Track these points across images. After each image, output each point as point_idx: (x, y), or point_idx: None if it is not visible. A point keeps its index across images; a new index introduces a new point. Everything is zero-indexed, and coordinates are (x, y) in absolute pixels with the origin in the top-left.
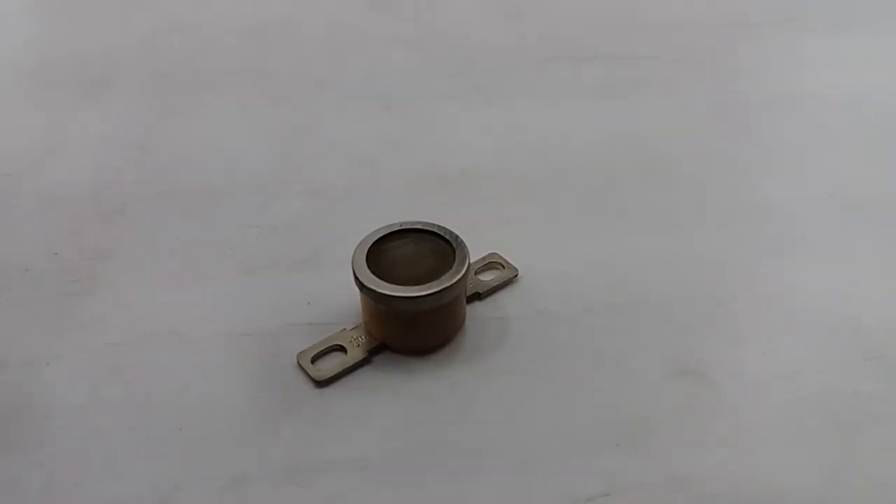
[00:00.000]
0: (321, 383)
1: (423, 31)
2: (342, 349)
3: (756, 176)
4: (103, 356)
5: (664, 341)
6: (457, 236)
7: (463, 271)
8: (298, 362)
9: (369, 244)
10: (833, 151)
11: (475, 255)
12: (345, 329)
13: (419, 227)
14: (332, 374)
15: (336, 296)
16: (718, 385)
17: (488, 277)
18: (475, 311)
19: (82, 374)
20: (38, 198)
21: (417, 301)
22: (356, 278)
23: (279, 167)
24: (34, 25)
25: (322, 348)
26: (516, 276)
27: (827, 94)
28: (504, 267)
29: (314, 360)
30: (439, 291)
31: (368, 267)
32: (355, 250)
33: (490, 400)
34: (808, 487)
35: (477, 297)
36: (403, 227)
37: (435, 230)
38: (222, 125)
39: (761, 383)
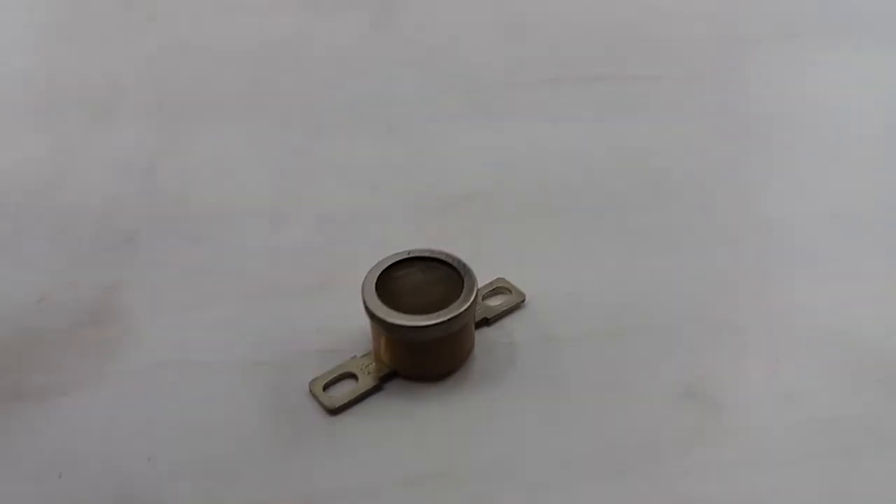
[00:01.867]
0: (333, 411)
1: (425, 52)
2: (353, 377)
3: (762, 194)
4: (118, 385)
5: (672, 364)
6: (465, 264)
7: (471, 299)
8: (310, 390)
9: (378, 273)
10: (839, 168)
11: (482, 279)
12: (355, 356)
13: (427, 255)
14: (345, 401)
15: (345, 322)
16: (726, 408)
17: (496, 302)
18: (483, 337)
19: (98, 404)
20: (50, 225)
21: (427, 330)
22: (366, 307)
23: (285, 191)
24: (40, 50)
25: (333, 376)
26: (524, 300)
27: (833, 110)
28: (511, 292)
29: (326, 387)
30: (448, 320)
31: (378, 295)
32: (365, 279)
33: (500, 425)
34: None
35: (485, 322)
36: (412, 255)
37: (443, 258)
38: (228, 148)
39: (769, 406)
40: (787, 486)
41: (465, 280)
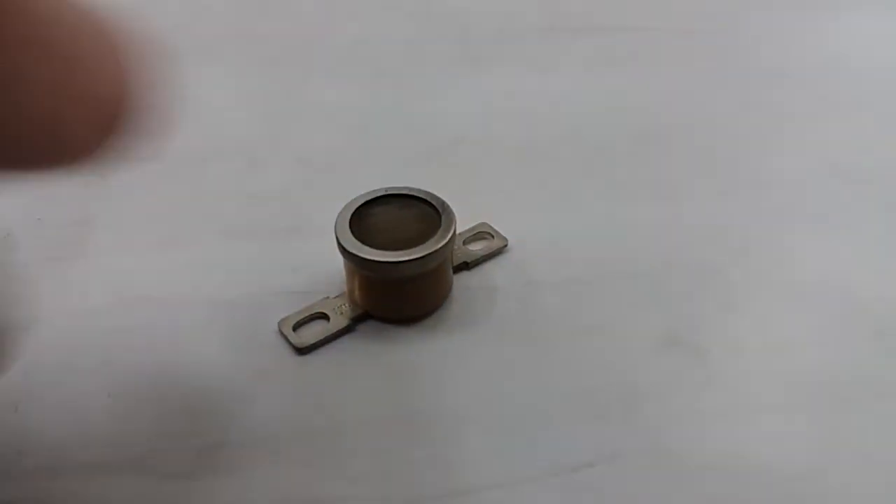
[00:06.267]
0: (302, 350)
1: None
2: (325, 317)
3: (756, 146)
4: (82, 321)
5: (655, 311)
6: (443, 202)
7: (448, 237)
8: (280, 329)
9: (353, 209)
10: (837, 123)
11: (465, 224)
12: (328, 297)
13: (405, 192)
14: (314, 341)
15: (321, 264)
16: (710, 356)
17: (477, 247)
18: (462, 281)
19: (61, 339)
20: None
21: (401, 266)
22: (339, 243)
23: (266, 133)
24: None
25: (304, 316)
26: (505, 246)
27: (831, 64)
28: (493, 237)
29: (296, 327)
30: (424, 257)
31: (352, 232)
32: (339, 215)
33: (475, 369)
34: (799, 461)
35: (465, 266)
36: (389, 192)
37: (421, 195)
38: (210, 90)
39: (754, 355)
40: (770, 434)
41: (443, 217)
